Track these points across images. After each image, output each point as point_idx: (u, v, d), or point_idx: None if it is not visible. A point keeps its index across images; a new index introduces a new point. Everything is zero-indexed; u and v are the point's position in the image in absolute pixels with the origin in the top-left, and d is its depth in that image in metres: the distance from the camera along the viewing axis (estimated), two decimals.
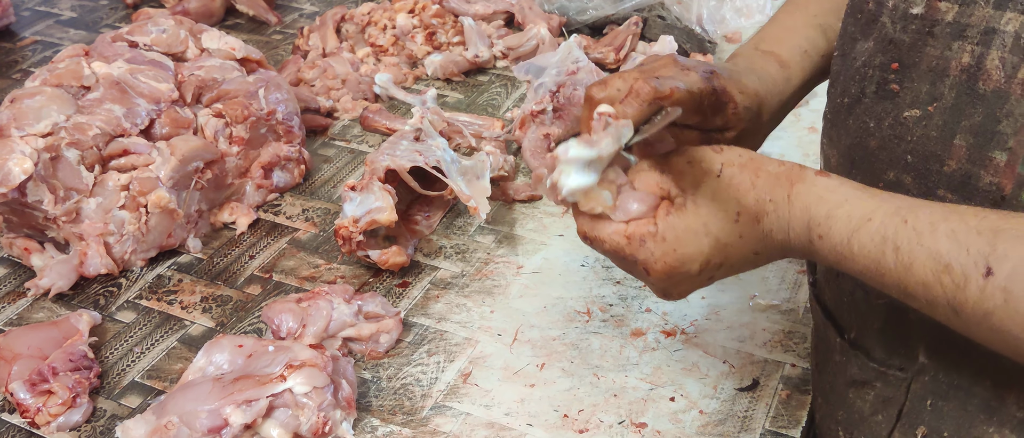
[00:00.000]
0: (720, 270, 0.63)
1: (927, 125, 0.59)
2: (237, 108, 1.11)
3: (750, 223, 0.60)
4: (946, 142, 0.58)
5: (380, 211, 0.98)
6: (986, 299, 0.50)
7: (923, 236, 0.53)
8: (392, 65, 1.43)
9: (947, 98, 0.58)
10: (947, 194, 0.58)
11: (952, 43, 0.57)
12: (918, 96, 0.59)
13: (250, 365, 0.83)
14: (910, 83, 0.60)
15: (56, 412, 0.84)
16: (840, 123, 0.67)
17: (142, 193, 1.01)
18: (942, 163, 0.58)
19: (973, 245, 0.51)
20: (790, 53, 0.76)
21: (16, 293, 1.01)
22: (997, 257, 0.50)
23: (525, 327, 0.95)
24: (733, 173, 0.61)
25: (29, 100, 1.01)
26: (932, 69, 0.58)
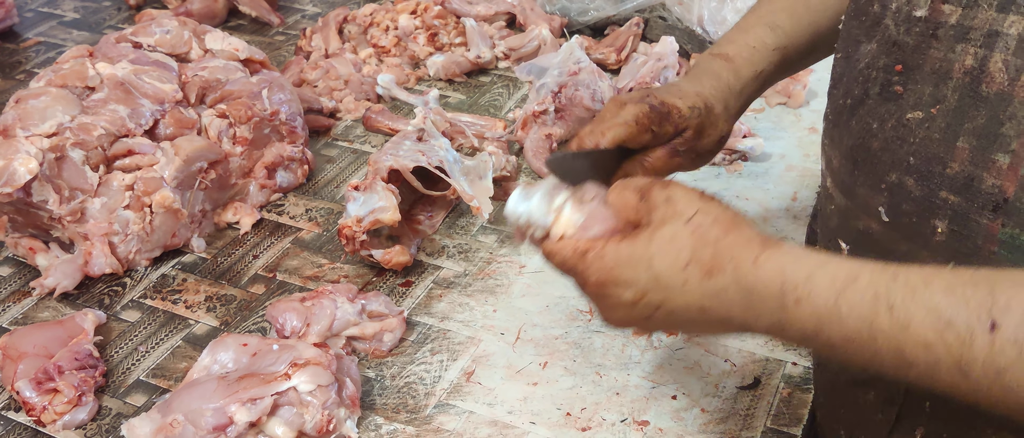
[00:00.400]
0: (660, 311, 0.60)
1: (930, 127, 0.59)
2: (241, 108, 1.11)
3: (698, 275, 0.58)
4: (949, 144, 0.58)
5: (384, 211, 0.99)
6: (997, 355, 0.47)
7: (917, 291, 0.50)
8: (394, 66, 1.44)
9: (950, 100, 0.58)
10: (950, 196, 0.58)
11: (955, 45, 0.57)
12: (921, 98, 0.60)
13: (255, 364, 0.83)
14: (913, 85, 0.60)
15: (62, 410, 0.84)
16: (842, 124, 0.67)
17: (146, 193, 1.01)
18: (945, 165, 0.58)
19: (972, 297, 0.49)
20: (737, 50, 0.82)
21: (21, 292, 1.02)
22: (1000, 308, 0.47)
23: (528, 326, 0.95)
24: (702, 222, 0.60)
25: (34, 100, 1.01)
26: (935, 71, 0.59)
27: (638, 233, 0.62)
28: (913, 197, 0.60)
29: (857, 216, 0.67)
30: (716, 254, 0.58)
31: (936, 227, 0.60)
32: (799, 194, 1.14)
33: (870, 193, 0.64)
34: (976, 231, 0.57)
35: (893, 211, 0.62)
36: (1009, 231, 0.55)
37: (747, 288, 0.56)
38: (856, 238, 0.68)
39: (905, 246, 0.62)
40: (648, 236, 0.61)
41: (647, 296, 0.60)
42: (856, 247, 0.68)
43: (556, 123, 1.23)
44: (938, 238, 0.60)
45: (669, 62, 1.30)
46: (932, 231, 0.60)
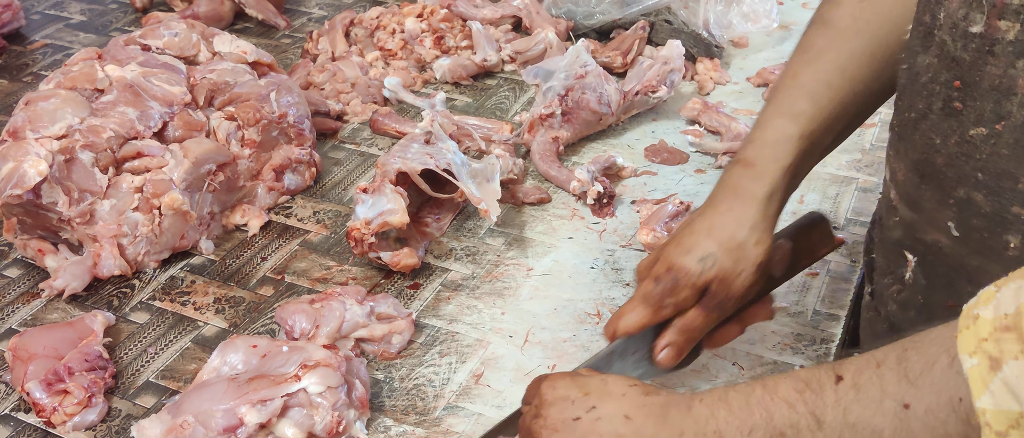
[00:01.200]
0: (590, 414, 0.64)
1: (996, 143, 0.58)
2: (249, 111, 1.12)
3: (638, 391, 0.64)
4: (1019, 160, 0.57)
5: (392, 213, 0.99)
6: (841, 398, 0.53)
7: (784, 374, 0.58)
8: (401, 69, 1.44)
9: (1016, 116, 0.57)
10: (1022, 211, 0.58)
11: (1016, 62, 0.56)
12: (983, 114, 0.59)
13: (264, 365, 0.83)
14: (973, 101, 0.59)
15: (72, 412, 0.85)
16: (907, 137, 0.67)
17: (156, 195, 1.02)
18: (1016, 181, 0.58)
19: (823, 366, 0.56)
20: (757, 151, 0.77)
21: (30, 294, 1.02)
22: (843, 367, 0.54)
23: (536, 328, 0.95)
24: None
25: (44, 103, 1.02)
26: (995, 88, 0.58)
27: None
28: (983, 213, 0.60)
29: (924, 230, 0.66)
30: (658, 387, 0.66)
31: (1008, 242, 0.59)
32: (805, 197, 1.14)
33: (938, 207, 0.64)
34: None
35: (963, 226, 0.62)
36: None
37: (667, 401, 0.63)
38: (924, 251, 0.67)
39: (977, 260, 0.62)
40: None
41: (589, 396, 0.65)
42: (924, 260, 0.68)
43: (563, 126, 1.23)
44: (1011, 252, 0.59)
45: (675, 65, 1.31)
46: (1004, 246, 0.60)
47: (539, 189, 1.17)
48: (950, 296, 0.66)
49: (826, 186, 1.16)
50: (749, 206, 0.74)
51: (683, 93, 1.39)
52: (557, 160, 1.21)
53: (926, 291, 0.69)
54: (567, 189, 1.16)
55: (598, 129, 1.28)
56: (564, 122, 1.23)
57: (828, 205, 1.12)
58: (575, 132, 1.25)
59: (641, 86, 1.28)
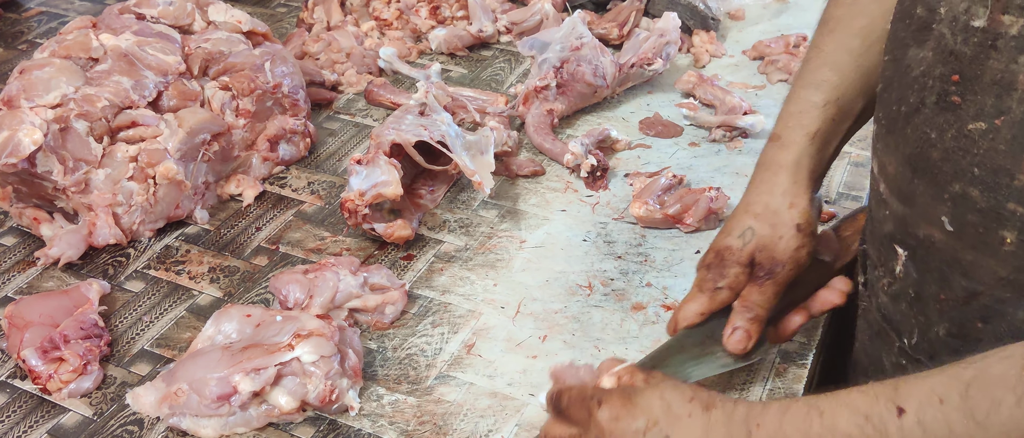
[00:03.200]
0: None
1: (995, 138, 0.58)
2: (243, 81, 1.12)
3: (699, 408, 0.64)
4: (1016, 156, 0.57)
5: (386, 185, 0.99)
6: (907, 435, 0.54)
7: (840, 396, 0.58)
8: (396, 39, 1.44)
9: (1016, 112, 0.57)
10: (1018, 207, 0.58)
11: (1018, 57, 0.56)
12: (983, 109, 0.59)
13: (258, 334, 0.84)
14: (973, 96, 0.59)
15: (67, 379, 0.86)
16: (897, 131, 0.66)
17: (150, 164, 1.02)
18: (1013, 177, 0.58)
19: (880, 392, 0.56)
20: (783, 124, 0.80)
21: (26, 262, 1.03)
22: (902, 396, 0.54)
23: (528, 300, 0.96)
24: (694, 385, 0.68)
25: (38, 71, 1.02)
26: (997, 82, 0.57)
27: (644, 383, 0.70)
28: (979, 208, 0.60)
29: (917, 224, 0.66)
30: (710, 394, 0.65)
31: (1004, 237, 0.60)
32: None
33: (932, 202, 0.64)
34: None
35: (957, 221, 0.62)
36: None
37: (727, 420, 0.63)
38: (916, 245, 0.68)
39: (971, 255, 0.62)
40: (656, 383, 0.69)
41: (659, 425, 0.65)
42: (915, 254, 0.68)
43: (558, 98, 1.23)
44: (1007, 247, 0.59)
45: (671, 38, 1.31)
46: (1000, 241, 0.60)
47: (533, 161, 1.17)
48: (942, 290, 0.66)
49: None
50: (778, 174, 0.77)
51: (679, 66, 1.39)
52: (551, 133, 1.21)
53: (918, 285, 0.69)
54: (561, 162, 1.16)
55: (593, 101, 1.28)
56: (559, 94, 1.23)
57: None
58: (570, 104, 1.25)
59: (637, 59, 1.28)
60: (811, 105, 0.78)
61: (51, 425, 0.83)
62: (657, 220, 1.05)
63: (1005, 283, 0.61)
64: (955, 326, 0.66)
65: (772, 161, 0.79)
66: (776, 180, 0.77)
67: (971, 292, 0.64)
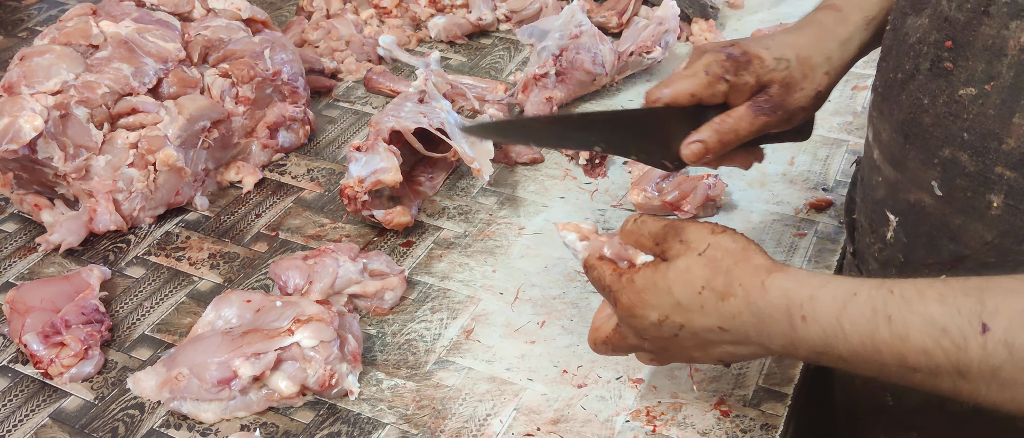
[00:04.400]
0: (684, 331, 0.64)
1: (984, 103, 0.59)
2: (243, 68, 1.12)
3: (713, 299, 0.62)
4: (1005, 120, 0.58)
5: (385, 172, 1.00)
6: (990, 356, 0.50)
7: (912, 303, 0.53)
8: (396, 27, 1.44)
9: (1006, 77, 0.58)
10: (1006, 172, 0.59)
11: (1010, 22, 0.57)
12: (974, 74, 0.59)
13: (258, 319, 0.85)
14: (965, 61, 0.60)
15: (69, 363, 0.86)
16: (892, 98, 0.67)
17: (150, 151, 1.02)
18: (1001, 141, 0.58)
19: (963, 305, 0.52)
20: None
21: (27, 248, 1.03)
22: (989, 313, 0.50)
23: (526, 286, 0.97)
24: (715, 255, 0.63)
25: (39, 58, 1.02)
26: (988, 48, 0.58)
27: (659, 264, 0.66)
28: (967, 172, 0.60)
29: (908, 189, 0.67)
30: (727, 281, 0.61)
31: (991, 201, 0.60)
32: (796, 159, 1.15)
33: (922, 167, 0.64)
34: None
35: (947, 185, 0.63)
36: None
37: (758, 311, 0.59)
38: (907, 210, 0.68)
39: (959, 219, 0.62)
40: (666, 268, 0.65)
41: (670, 318, 0.63)
42: (906, 219, 0.69)
43: (557, 86, 1.24)
44: (994, 212, 0.60)
45: (670, 26, 1.31)
46: (987, 205, 0.60)
47: (532, 149, 1.17)
48: (931, 254, 0.67)
49: (817, 148, 1.17)
50: (829, 41, 0.76)
51: (678, 54, 1.39)
52: None
53: (907, 249, 0.70)
54: (560, 149, 1.17)
55: (592, 90, 1.28)
56: (558, 82, 1.23)
57: (818, 167, 1.13)
58: (569, 92, 1.25)
59: (636, 47, 1.29)
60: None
61: (52, 409, 0.84)
62: (655, 207, 1.05)
63: (991, 247, 0.61)
64: None
65: (827, 27, 0.77)
66: (826, 44, 0.76)
67: (958, 256, 0.64)
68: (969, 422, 0.70)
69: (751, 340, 0.61)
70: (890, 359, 0.54)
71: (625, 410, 0.82)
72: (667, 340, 0.66)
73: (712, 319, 0.62)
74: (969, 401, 0.53)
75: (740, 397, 0.83)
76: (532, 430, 0.81)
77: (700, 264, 0.63)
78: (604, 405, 0.83)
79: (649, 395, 0.84)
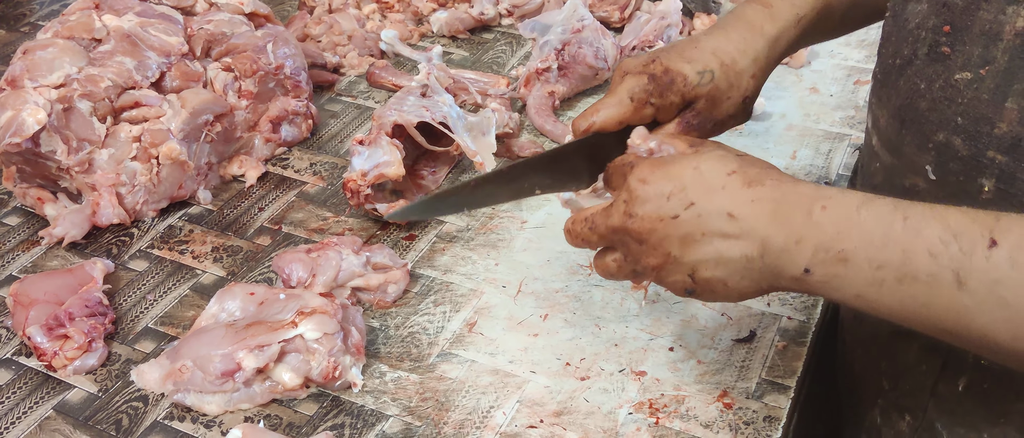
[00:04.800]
0: (689, 211, 0.61)
1: (978, 88, 0.59)
2: (246, 62, 1.12)
3: (739, 183, 0.60)
4: (998, 105, 0.58)
5: (388, 165, 1.00)
6: (993, 268, 0.51)
7: (934, 208, 0.55)
8: (398, 21, 1.44)
9: (1000, 62, 0.58)
10: (997, 156, 0.59)
11: (1007, 7, 0.57)
12: (970, 59, 0.60)
13: (262, 312, 0.85)
14: (961, 46, 0.60)
15: (72, 356, 0.86)
16: (891, 84, 0.67)
17: (153, 145, 1.03)
18: (993, 125, 0.59)
19: (978, 217, 0.53)
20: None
21: (30, 241, 1.03)
22: (1000, 230, 0.52)
23: (529, 279, 0.97)
24: (750, 157, 0.64)
25: (42, 52, 1.02)
26: (985, 33, 0.59)
27: (686, 149, 0.66)
28: (960, 156, 0.61)
29: (903, 174, 0.67)
30: (760, 174, 0.61)
31: (983, 185, 0.61)
32: (798, 153, 1.15)
33: (917, 152, 0.65)
34: (1022, 190, 0.58)
35: (940, 169, 0.63)
36: None
37: (779, 196, 0.59)
38: (902, 195, 0.68)
39: (952, 203, 0.63)
40: (699, 148, 0.64)
41: (686, 190, 0.61)
42: None
43: (559, 81, 1.24)
44: (985, 196, 0.61)
45: (672, 20, 1.31)
46: (979, 189, 0.61)
47: (534, 143, 1.17)
48: None
49: (819, 142, 1.17)
50: (757, 40, 0.75)
51: None
52: (553, 115, 1.22)
53: None
54: (562, 143, 1.16)
55: (594, 84, 1.28)
56: (560, 77, 1.24)
57: (821, 160, 1.13)
58: (571, 87, 1.25)
59: (638, 41, 1.29)
60: None
61: (56, 401, 0.84)
62: None
63: None
64: None
65: (756, 24, 0.76)
66: (754, 44, 0.75)
67: None
68: (960, 403, 0.70)
69: (755, 233, 0.59)
70: (895, 258, 0.54)
71: (628, 402, 0.83)
72: (661, 222, 0.62)
73: (728, 202, 0.60)
74: (962, 331, 0.53)
75: (743, 389, 0.83)
76: (535, 422, 0.81)
77: (735, 155, 0.63)
78: (607, 397, 0.83)
79: (652, 387, 0.84)
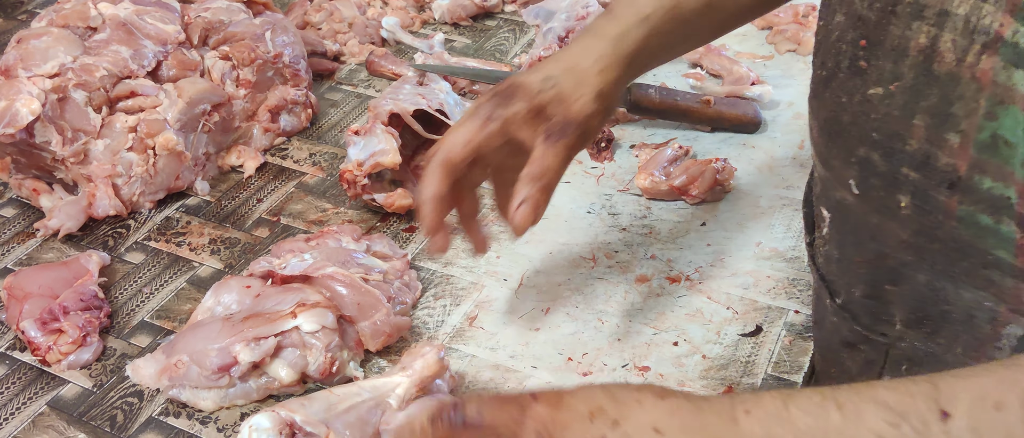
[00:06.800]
0: (617, 431, 0.54)
1: (890, 104, 0.59)
2: (244, 51, 1.10)
3: (651, 396, 0.54)
4: (907, 121, 0.58)
5: (384, 154, 0.98)
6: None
7: (861, 390, 0.49)
8: (399, 8, 1.42)
9: (907, 78, 0.57)
10: (911, 172, 0.58)
11: (912, 23, 0.56)
12: (883, 74, 0.59)
13: (259, 305, 0.84)
14: (876, 61, 0.60)
15: (67, 350, 0.85)
16: (819, 95, 0.67)
17: (150, 135, 1.01)
18: (905, 142, 0.58)
19: (916, 391, 0.47)
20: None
21: (25, 233, 1.02)
22: (944, 399, 0.46)
23: (530, 272, 0.95)
24: None
25: (36, 41, 1.01)
26: (895, 48, 0.58)
27: None
28: (879, 172, 0.60)
29: (834, 187, 0.67)
30: (661, 387, 0.56)
31: (900, 201, 0.60)
32: (805, 142, 1.13)
33: (843, 165, 0.64)
34: (936, 206, 0.57)
35: (863, 184, 0.63)
36: (966, 209, 0.55)
37: (695, 407, 0.53)
38: (835, 207, 0.69)
39: (876, 218, 0.62)
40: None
41: (604, 410, 0.55)
42: (835, 215, 0.69)
43: None
44: (904, 211, 0.60)
45: None
46: (897, 204, 0.60)
47: None
48: (857, 252, 0.67)
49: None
50: (599, 40, 0.74)
51: None
52: None
53: (839, 246, 0.70)
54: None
55: None
56: None
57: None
58: None
59: None
60: None
61: (50, 397, 0.83)
62: (662, 192, 1.03)
63: (906, 245, 0.61)
64: (869, 287, 0.67)
65: (597, 28, 0.76)
66: (595, 44, 0.74)
67: (879, 254, 0.64)
68: None
69: None
70: None
71: None
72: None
73: (650, 416, 0.54)
74: None
75: (748, 385, 0.82)
76: None
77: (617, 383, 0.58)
78: None
79: (656, 383, 0.82)
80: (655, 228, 1.01)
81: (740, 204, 1.04)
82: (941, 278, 0.59)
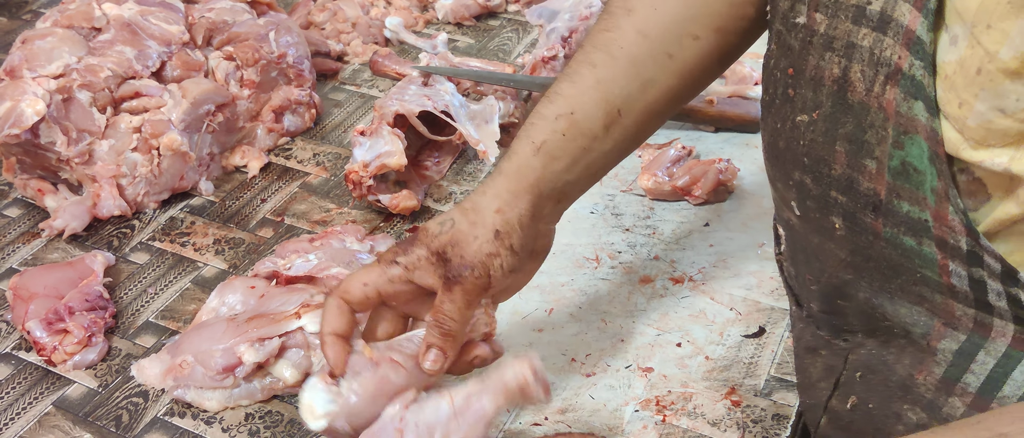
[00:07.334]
0: None
1: (814, 130, 0.60)
2: (248, 51, 1.11)
3: None
4: (830, 147, 0.59)
5: (389, 155, 0.98)
6: None
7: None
8: (402, 8, 1.42)
9: (826, 106, 0.58)
10: (839, 196, 0.59)
11: (825, 54, 0.57)
12: (806, 102, 0.60)
13: (263, 305, 0.84)
14: (800, 89, 0.61)
15: (72, 351, 0.85)
16: (764, 119, 0.68)
17: (154, 135, 1.01)
18: (830, 167, 0.59)
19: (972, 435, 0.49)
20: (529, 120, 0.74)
21: (30, 233, 1.02)
22: None
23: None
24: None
25: (41, 41, 1.01)
26: (813, 78, 0.59)
27: None
28: (813, 195, 0.61)
29: (781, 208, 0.68)
30: None
31: (834, 222, 0.61)
32: None
33: (784, 188, 0.65)
34: (865, 228, 0.58)
35: (801, 206, 0.64)
36: (890, 231, 0.56)
37: None
38: (785, 226, 0.70)
39: (816, 239, 0.64)
40: None
41: None
42: (787, 234, 0.70)
43: None
44: (839, 232, 0.61)
45: None
46: (833, 226, 0.61)
47: None
48: (807, 269, 0.68)
49: None
50: (496, 178, 0.72)
51: None
52: None
53: (793, 263, 0.71)
54: None
55: None
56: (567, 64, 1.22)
57: None
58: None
59: None
60: (540, 116, 0.73)
61: (56, 397, 0.83)
62: (665, 192, 1.04)
63: (845, 264, 0.62)
64: (823, 302, 0.68)
65: (497, 166, 0.74)
66: (493, 183, 0.72)
67: (822, 272, 0.65)
68: (851, 422, 0.70)
69: None
70: None
71: (634, 399, 0.81)
72: None
73: None
74: None
75: (751, 387, 0.82)
76: (540, 420, 0.80)
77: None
78: (613, 394, 0.82)
79: (659, 384, 0.83)
80: (658, 229, 1.01)
81: (743, 205, 1.04)
82: (879, 294, 0.61)
